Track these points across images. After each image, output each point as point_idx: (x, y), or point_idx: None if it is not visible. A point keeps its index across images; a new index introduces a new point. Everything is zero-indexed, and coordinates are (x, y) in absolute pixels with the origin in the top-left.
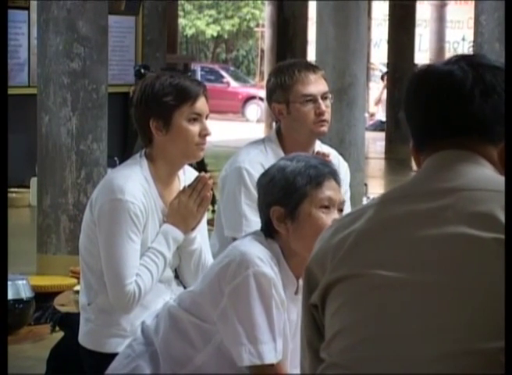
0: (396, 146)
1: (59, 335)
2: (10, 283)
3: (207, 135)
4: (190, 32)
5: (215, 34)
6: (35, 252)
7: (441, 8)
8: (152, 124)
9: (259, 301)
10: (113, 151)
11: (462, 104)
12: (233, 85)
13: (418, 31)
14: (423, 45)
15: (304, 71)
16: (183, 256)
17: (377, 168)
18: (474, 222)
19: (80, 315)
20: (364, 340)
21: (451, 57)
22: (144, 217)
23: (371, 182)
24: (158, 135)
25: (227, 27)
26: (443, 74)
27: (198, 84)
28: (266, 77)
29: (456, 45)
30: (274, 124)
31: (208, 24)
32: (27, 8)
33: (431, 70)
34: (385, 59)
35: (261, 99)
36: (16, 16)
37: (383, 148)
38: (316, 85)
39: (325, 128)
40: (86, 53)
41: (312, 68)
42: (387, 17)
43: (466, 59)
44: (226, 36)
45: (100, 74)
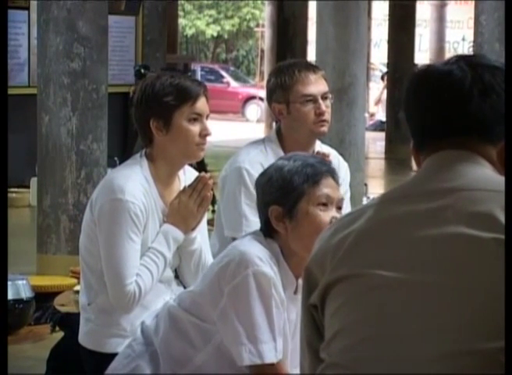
0: (396, 146)
1: (59, 335)
2: (10, 283)
3: (207, 135)
4: (190, 32)
5: (215, 34)
6: (35, 252)
7: (441, 8)
8: (152, 124)
9: (259, 300)
10: (113, 151)
11: (461, 104)
12: (233, 85)
13: (418, 31)
14: (423, 45)
15: (304, 71)
16: (183, 256)
17: (377, 168)
18: (473, 222)
19: (80, 315)
20: (364, 340)
21: (451, 57)
22: (145, 217)
23: (371, 182)
24: (159, 135)
25: (227, 27)
26: (443, 74)
27: (199, 84)
28: (266, 77)
29: (456, 45)
30: (274, 124)
31: (208, 24)
32: (27, 8)
33: (430, 70)
34: (385, 59)
35: (261, 99)
36: (16, 16)
37: (383, 148)
38: (316, 85)
39: (325, 128)
40: (86, 53)
41: (312, 68)
42: (387, 17)
43: (465, 59)
44: (226, 36)
45: (100, 74)
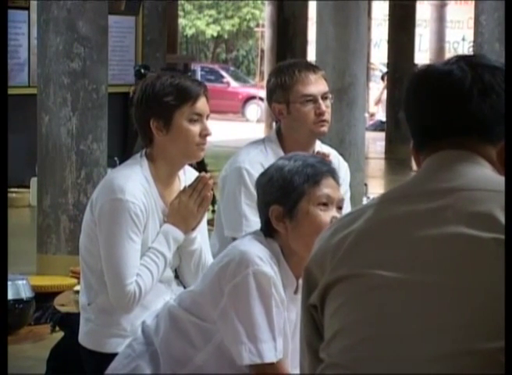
0: (396, 146)
1: (59, 335)
2: (10, 283)
3: (207, 135)
4: (190, 32)
5: (215, 34)
6: (35, 252)
7: (441, 8)
8: (153, 124)
9: (259, 300)
10: (113, 151)
11: (461, 104)
12: (233, 85)
13: (418, 31)
14: (423, 45)
15: (305, 71)
16: (184, 256)
17: (377, 168)
18: (473, 222)
19: (80, 315)
20: (364, 340)
21: (451, 57)
22: (145, 217)
23: (371, 182)
24: (159, 135)
25: (227, 27)
26: (442, 74)
27: (199, 84)
28: (266, 77)
29: (456, 45)
30: (274, 124)
31: (208, 24)
32: (27, 8)
33: (430, 70)
34: (385, 59)
35: (261, 99)
36: (16, 16)
37: (383, 148)
38: (316, 85)
39: (325, 128)
40: (86, 53)
41: (312, 68)
42: (387, 17)
43: (465, 59)
44: (226, 36)
45: (100, 74)
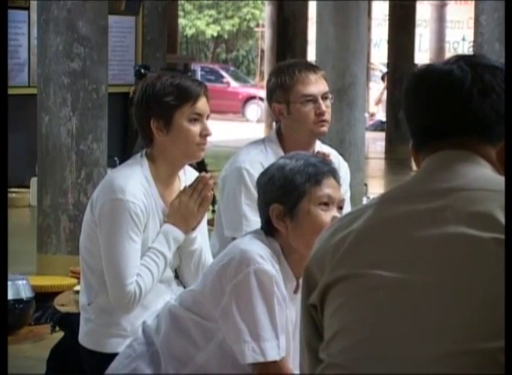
0: (396, 146)
1: (59, 335)
2: (10, 283)
3: (207, 135)
4: (190, 32)
5: (215, 34)
6: (35, 252)
7: (441, 8)
8: (153, 124)
9: (261, 298)
10: (113, 151)
11: (460, 103)
12: (233, 85)
13: (418, 31)
14: (423, 45)
15: (305, 71)
16: (184, 256)
17: (377, 168)
18: (473, 222)
19: (80, 315)
20: (364, 340)
21: (451, 57)
22: (145, 217)
23: (371, 182)
24: (159, 135)
25: (227, 27)
26: (442, 74)
27: (199, 84)
28: (266, 77)
29: (456, 45)
30: (274, 124)
31: (208, 24)
32: (27, 8)
33: (430, 70)
34: (385, 59)
35: (261, 99)
36: (16, 16)
37: (383, 148)
38: (316, 85)
39: (326, 128)
40: (86, 53)
41: (312, 68)
42: (387, 17)
43: (465, 59)
44: (226, 36)
45: (100, 74)
